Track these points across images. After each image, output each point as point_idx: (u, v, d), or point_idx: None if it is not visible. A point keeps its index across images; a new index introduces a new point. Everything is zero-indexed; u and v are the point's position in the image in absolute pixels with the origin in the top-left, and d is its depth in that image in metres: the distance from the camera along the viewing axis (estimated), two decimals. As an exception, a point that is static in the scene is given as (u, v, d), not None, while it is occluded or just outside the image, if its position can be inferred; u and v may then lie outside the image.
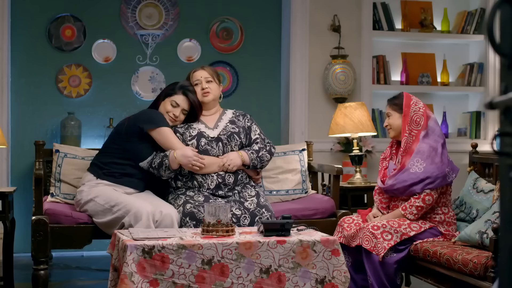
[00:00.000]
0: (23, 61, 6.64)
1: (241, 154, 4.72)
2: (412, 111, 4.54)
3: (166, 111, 4.72)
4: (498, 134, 1.73)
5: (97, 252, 6.47)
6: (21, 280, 5.31)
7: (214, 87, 4.81)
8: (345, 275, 3.90)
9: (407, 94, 4.64)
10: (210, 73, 4.82)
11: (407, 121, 4.54)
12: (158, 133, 4.62)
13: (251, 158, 4.73)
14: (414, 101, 4.58)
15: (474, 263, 3.80)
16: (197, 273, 3.69)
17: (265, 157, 4.80)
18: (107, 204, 4.46)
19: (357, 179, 5.68)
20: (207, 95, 4.79)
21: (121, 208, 4.38)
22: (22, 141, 6.56)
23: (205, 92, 4.79)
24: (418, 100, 4.61)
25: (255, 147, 4.80)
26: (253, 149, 4.78)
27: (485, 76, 7.14)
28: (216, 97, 4.85)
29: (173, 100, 4.73)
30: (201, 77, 4.80)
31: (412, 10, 7.13)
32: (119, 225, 4.38)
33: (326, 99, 6.89)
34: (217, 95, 4.84)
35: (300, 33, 6.85)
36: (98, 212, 4.51)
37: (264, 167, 4.91)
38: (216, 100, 4.87)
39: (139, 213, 4.31)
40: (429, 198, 4.40)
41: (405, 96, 4.60)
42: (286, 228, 3.92)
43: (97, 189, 4.57)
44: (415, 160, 4.44)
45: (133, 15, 6.85)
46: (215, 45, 7.03)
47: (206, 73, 4.81)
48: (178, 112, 4.73)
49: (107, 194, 4.52)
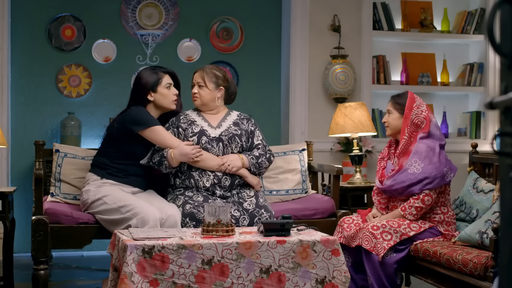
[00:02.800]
0: (23, 61, 6.65)
1: (242, 157, 4.72)
2: (413, 114, 4.51)
3: (166, 96, 4.75)
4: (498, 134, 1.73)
5: (97, 252, 6.47)
6: (21, 280, 5.31)
7: (205, 92, 4.78)
8: (345, 275, 3.90)
9: (411, 95, 4.58)
10: (202, 77, 4.77)
11: (407, 124, 4.51)
12: (150, 133, 4.61)
13: (250, 162, 4.74)
14: (417, 104, 4.53)
15: (474, 263, 3.80)
16: (197, 273, 3.70)
17: (263, 164, 4.80)
18: (115, 204, 4.45)
19: (357, 179, 5.68)
20: (195, 100, 4.82)
21: (130, 210, 4.38)
22: (22, 141, 6.56)
23: (193, 97, 4.82)
24: (421, 102, 4.57)
25: (255, 153, 4.79)
26: (253, 154, 4.78)
27: (485, 76, 7.14)
28: (207, 102, 4.80)
29: (167, 83, 4.75)
30: (195, 81, 4.81)
31: (412, 10, 7.13)
32: (124, 225, 4.37)
33: (326, 99, 6.89)
34: (207, 99, 4.79)
35: (300, 33, 6.85)
36: (106, 211, 4.50)
37: (262, 174, 4.91)
38: (211, 103, 4.82)
39: (147, 218, 4.30)
40: (428, 198, 4.39)
41: (409, 97, 4.55)
42: (286, 228, 3.93)
43: (104, 189, 4.58)
44: (413, 161, 4.43)
45: (133, 15, 6.85)
46: (215, 45, 7.03)
47: (199, 78, 4.79)
48: (175, 90, 4.78)
49: (115, 194, 4.52)
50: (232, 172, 4.66)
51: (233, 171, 4.65)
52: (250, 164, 4.73)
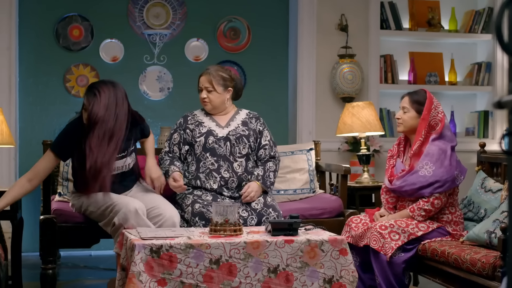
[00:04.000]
0: (31, 61, 6.66)
1: (259, 184, 4.70)
2: (431, 116, 4.47)
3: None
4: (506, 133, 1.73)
5: (105, 252, 6.48)
6: (30, 279, 5.32)
7: (214, 96, 4.78)
8: (353, 274, 3.89)
9: (430, 95, 4.54)
10: (210, 81, 4.76)
11: (424, 125, 4.47)
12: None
13: (267, 185, 4.74)
14: (435, 105, 4.49)
15: (482, 262, 3.79)
16: (205, 273, 3.70)
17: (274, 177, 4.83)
18: (99, 209, 4.40)
19: (364, 179, 5.68)
20: (206, 105, 4.81)
21: (112, 210, 4.30)
22: (30, 140, 6.57)
23: (203, 102, 4.81)
24: (438, 103, 4.53)
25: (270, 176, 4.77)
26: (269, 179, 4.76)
27: (493, 75, 7.12)
28: (217, 105, 4.81)
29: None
30: (202, 85, 4.80)
31: (420, 9, 7.12)
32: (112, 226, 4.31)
33: (333, 98, 6.89)
34: (217, 103, 4.80)
35: (307, 32, 6.85)
36: (97, 218, 4.47)
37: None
38: (221, 106, 4.83)
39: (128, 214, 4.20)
40: (438, 202, 4.38)
41: (428, 98, 4.50)
42: (294, 228, 3.92)
43: (85, 198, 4.48)
44: (424, 163, 4.40)
45: (141, 14, 6.86)
46: (223, 44, 7.03)
47: (207, 82, 4.77)
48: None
49: (96, 199, 4.42)
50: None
51: (254, 199, 4.66)
52: (267, 186, 4.75)
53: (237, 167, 4.71)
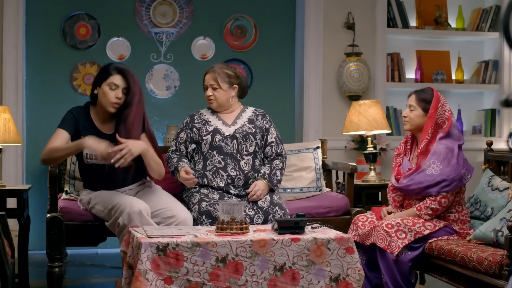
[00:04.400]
0: (38, 60, 6.67)
1: (265, 182, 4.70)
2: (438, 115, 4.47)
3: (105, 95, 4.38)
4: (513, 131, 1.72)
5: (111, 250, 6.48)
6: (36, 277, 5.34)
7: (219, 94, 4.78)
8: (359, 273, 3.89)
9: (437, 93, 4.53)
10: (215, 79, 4.76)
11: (431, 124, 4.47)
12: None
13: (273, 183, 4.74)
14: (441, 103, 4.49)
15: (489, 261, 3.78)
16: (211, 271, 3.70)
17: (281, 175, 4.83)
18: (106, 209, 4.40)
19: (371, 177, 5.67)
20: (211, 102, 4.81)
21: (116, 210, 4.29)
22: (37, 139, 6.58)
23: (209, 99, 4.81)
24: (445, 101, 4.52)
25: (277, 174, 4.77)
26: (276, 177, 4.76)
27: (500, 73, 7.11)
28: (223, 102, 4.81)
29: (113, 82, 4.38)
30: (208, 83, 4.80)
31: (427, 7, 7.11)
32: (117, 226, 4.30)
33: (340, 96, 6.88)
34: (223, 100, 4.80)
35: (314, 30, 6.84)
36: (104, 217, 4.47)
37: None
38: (227, 103, 4.83)
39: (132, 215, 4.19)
40: (445, 200, 4.37)
41: (434, 97, 4.49)
42: (300, 226, 3.92)
43: (94, 195, 4.52)
44: (431, 161, 4.39)
45: (147, 13, 6.86)
46: (229, 43, 7.03)
47: (212, 80, 4.78)
48: (120, 94, 4.38)
49: (103, 197, 4.45)
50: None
51: (261, 197, 4.65)
52: (274, 184, 4.75)
53: (244, 165, 4.71)
